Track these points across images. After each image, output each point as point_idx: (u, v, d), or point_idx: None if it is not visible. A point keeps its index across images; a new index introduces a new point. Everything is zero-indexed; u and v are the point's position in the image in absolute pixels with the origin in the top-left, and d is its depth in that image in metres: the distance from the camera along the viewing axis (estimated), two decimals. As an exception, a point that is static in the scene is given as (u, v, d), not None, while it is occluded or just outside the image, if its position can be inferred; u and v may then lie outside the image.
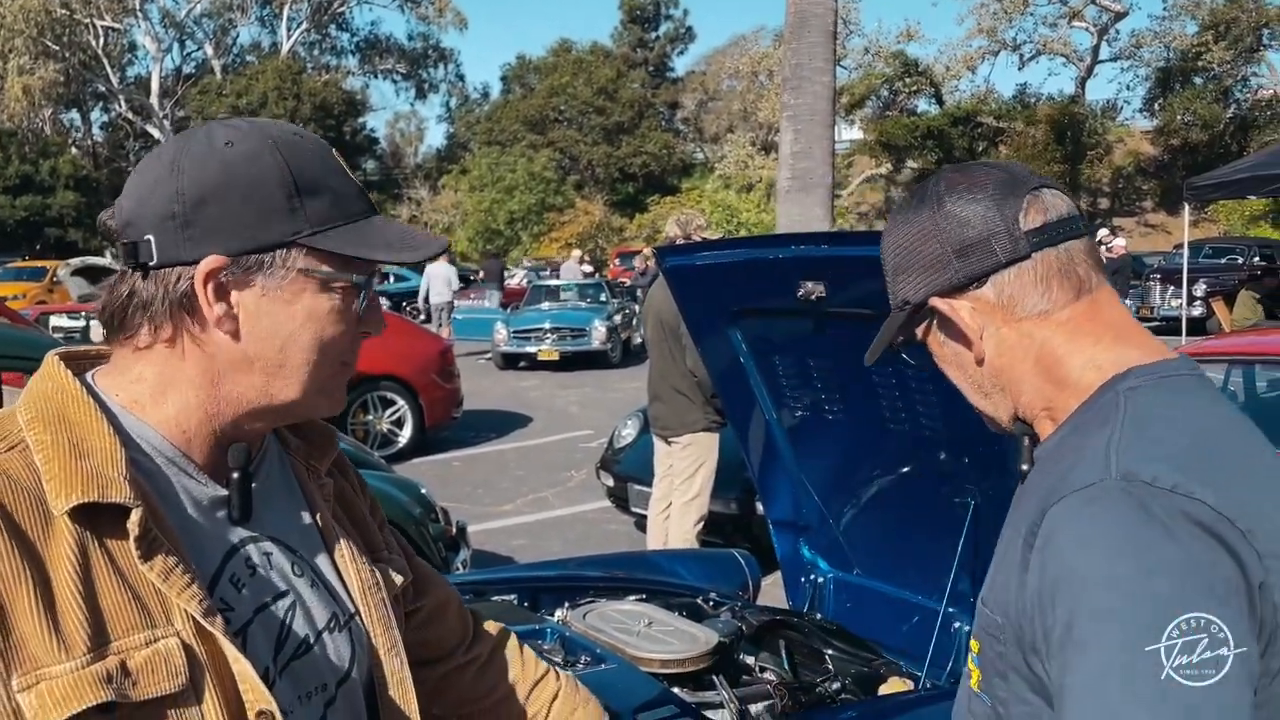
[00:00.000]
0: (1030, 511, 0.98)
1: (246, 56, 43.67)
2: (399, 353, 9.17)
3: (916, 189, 1.15)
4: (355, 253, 0.96)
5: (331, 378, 1.01)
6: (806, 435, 3.00)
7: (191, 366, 0.96)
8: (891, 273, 1.14)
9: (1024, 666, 0.96)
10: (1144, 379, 1.01)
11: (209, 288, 0.92)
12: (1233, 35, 33.63)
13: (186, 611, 0.88)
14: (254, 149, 0.94)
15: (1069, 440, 1.03)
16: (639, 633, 2.44)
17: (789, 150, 9.62)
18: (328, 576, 1.07)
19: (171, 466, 0.96)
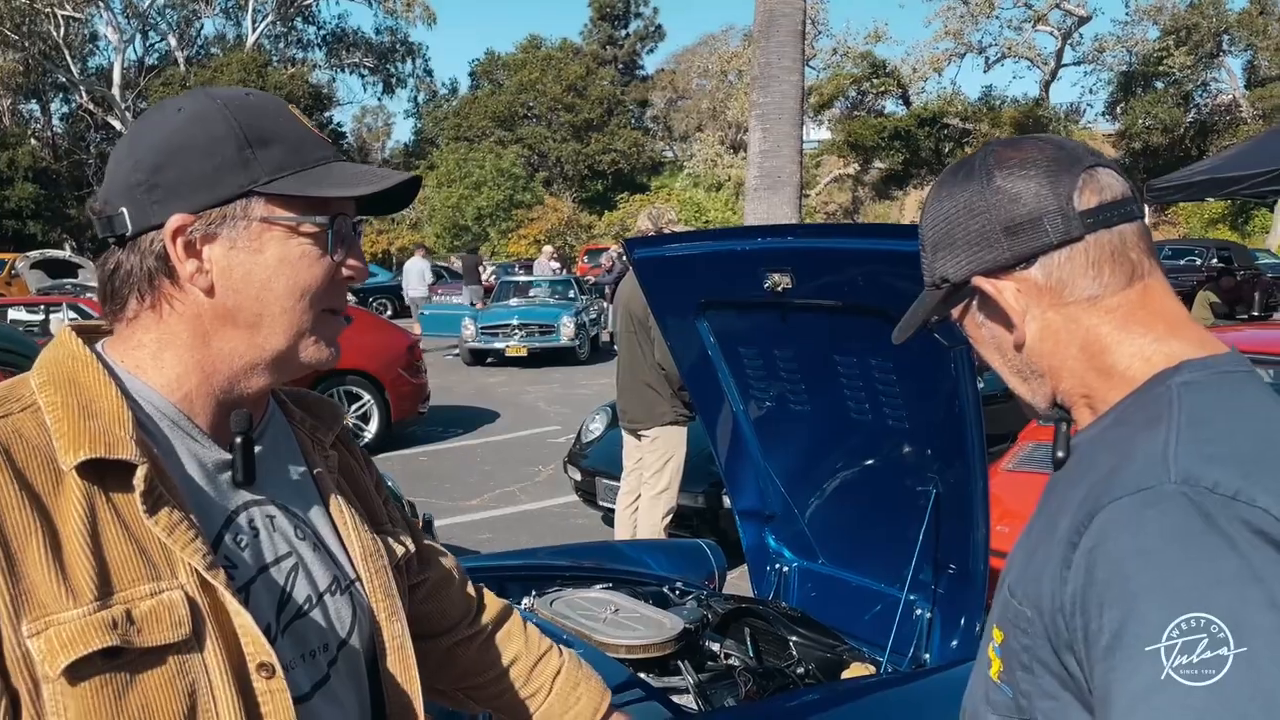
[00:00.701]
0: (1072, 507, 0.94)
1: (211, 49, 43.11)
2: (365, 347, 9.13)
3: (962, 162, 1.09)
4: (310, 193, 0.98)
5: (318, 323, 1.02)
6: (772, 427, 3.04)
7: (181, 328, 0.99)
8: (930, 248, 1.08)
9: (1054, 662, 0.93)
10: (1198, 374, 0.97)
11: (178, 245, 0.96)
12: (1193, 41, 34.19)
13: (190, 565, 0.91)
14: (202, 109, 0.98)
15: (1113, 433, 0.99)
16: (605, 619, 2.47)
17: (757, 149, 9.67)
18: (329, 543, 1.10)
19: (175, 429, 0.99)
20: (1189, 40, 34.18)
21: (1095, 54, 37.16)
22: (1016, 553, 1.06)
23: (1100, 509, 0.89)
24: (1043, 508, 1.05)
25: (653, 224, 5.22)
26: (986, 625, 1.10)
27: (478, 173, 35.80)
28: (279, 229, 0.98)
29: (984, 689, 1.06)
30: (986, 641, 1.07)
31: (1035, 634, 0.95)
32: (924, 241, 1.09)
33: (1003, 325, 1.05)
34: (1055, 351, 1.03)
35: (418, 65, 48.48)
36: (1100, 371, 1.02)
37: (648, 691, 2.10)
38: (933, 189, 1.10)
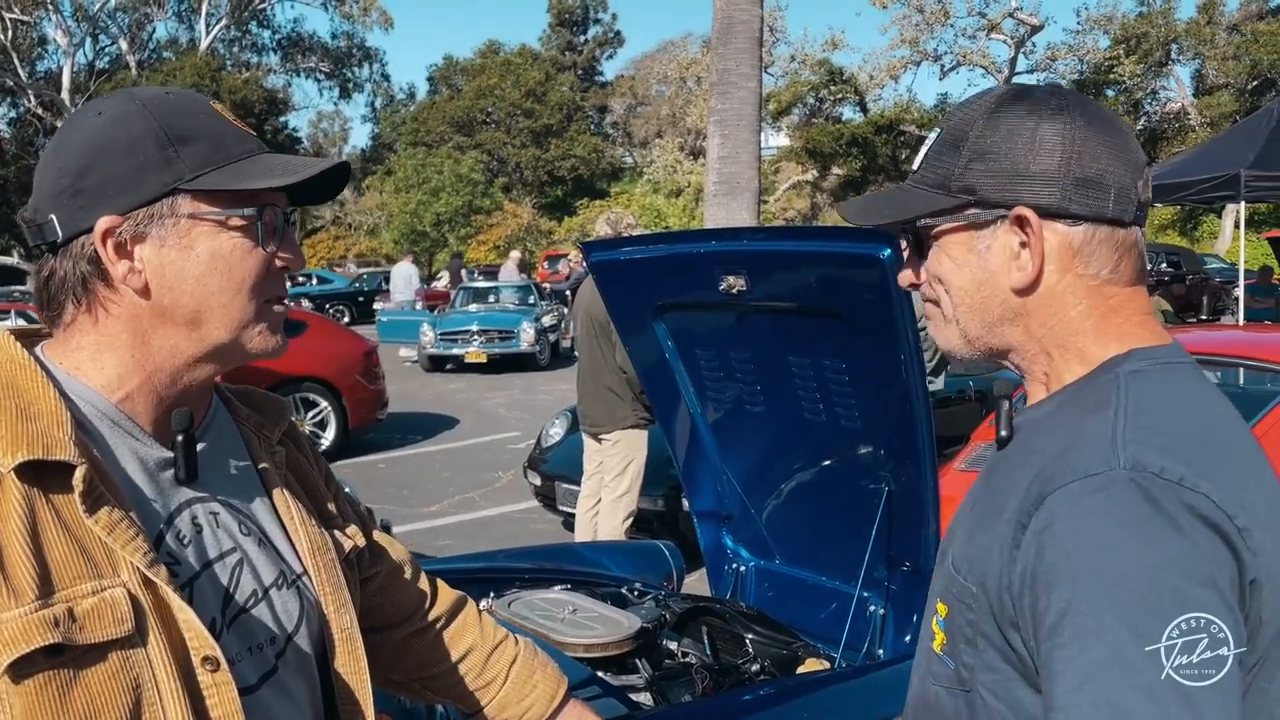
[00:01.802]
0: (1021, 488, 0.95)
1: (163, 53, 42.54)
2: (322, 353, 9.06)
3: (1043, 90, 1.03)
4: (232, 186, 0.99)
5: (258, 314, 1.03)
6: (729, 428, 3.07)
7: (119, 329, 1.00)
8: (966, 153, 1.01)
9: (998, 636, 0.95)
10: (1144, 363, 0.99)
11: (109, 247, 0.97)
12: (1143, 49, 34.90)
13: (132, 563, 0.92)
14: (122, 111, 0.99)
15: (1060, 415, 1.00)
16: (563, 619, 2.48)
17: (716, 155, 9.73)
18: (274, 538, 1.11)
19: (116, 429, 1.00)
20: (1139, 49, 34.89)
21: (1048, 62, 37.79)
22: (956, 528, 1.07)
23: (1050, 492, 0.90)
24: (986, 485, 1.06)
25: (611, 228, 5.24)
26: (929, 598, 1.11)
27: (436, 178, 35.62)
28: (207, 224, 0.99)
29: (926, 662, 1.08)
30: (930, 615, 1.08)
31: (980, 609, 0.96)
32: (956, 142, 1.03)
33: (1004, 264, 1.02)
34: (1048, 313, 1.02)
35: (375, 70, 48.14)
36: (1074, 351, 1.02)
37: (605, 689, 2.12)
38: (992, 100, 1.03)
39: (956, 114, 1.05)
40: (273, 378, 8.71)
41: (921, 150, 1.09)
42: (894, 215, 1.07)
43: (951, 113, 1.07)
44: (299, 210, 1.11)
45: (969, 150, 1.02)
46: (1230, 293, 16.81)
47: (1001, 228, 1.01)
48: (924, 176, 1.06)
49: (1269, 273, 15.47)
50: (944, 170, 1.04)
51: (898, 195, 1.08)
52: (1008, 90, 1.04)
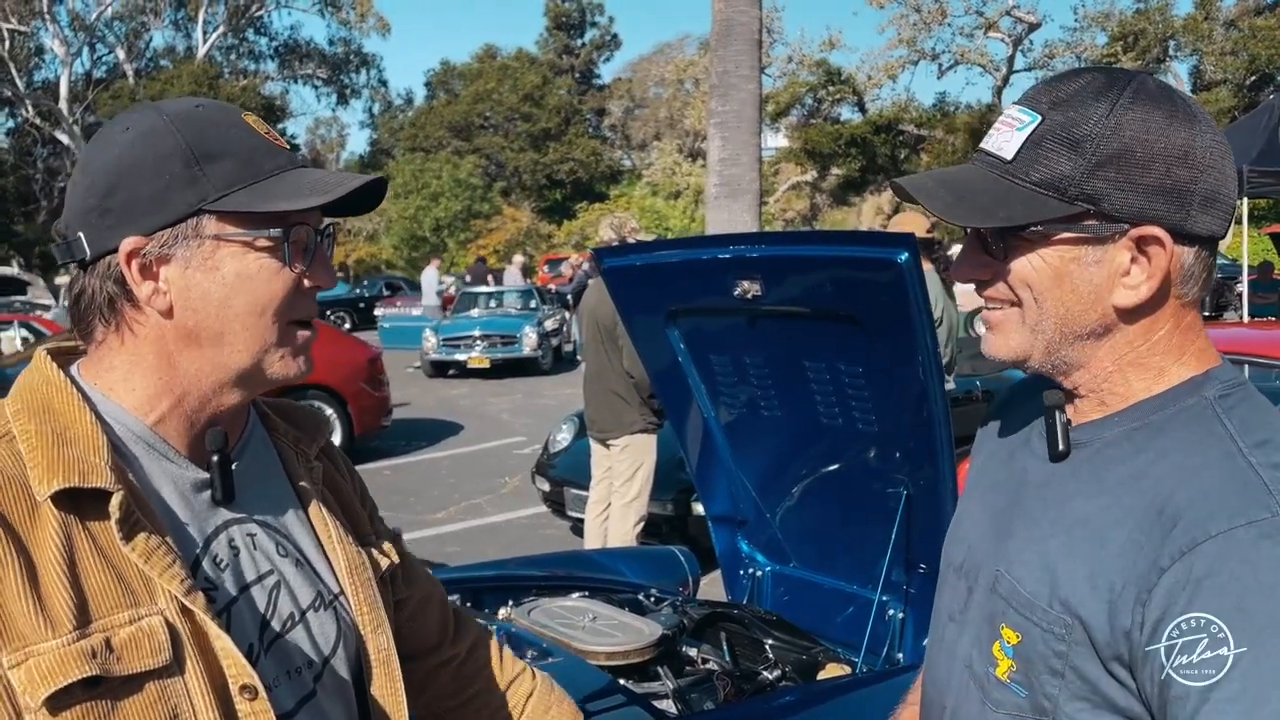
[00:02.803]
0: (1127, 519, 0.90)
1: (161, 61, 42.50)
2: (326, 361, 9.04)
3: (1162, 91, 0.93)
4: (259, 208, 0.96)
5: (283, 337, 1.01)
6: (743, 432, 3.06)
7: (146, 350, 0.98)
8: (1101, 157, 0.91)
9: (1097, 672, 0.91)
10: (1224, 387, 0.95)
11: (133, 268, 0.95)
12: (1140, 46, 34.91)
13: (169, 590, 0.91)
14: (149, 128, 0.97)
15: (1141, 439, 0.95)
16: (584, 627, 2.47)
17: (717, 157, 9.72)
18: (312, 557, 1.10)
19: (151, 452, 0.99)
20: (1136, 46, 34.91)
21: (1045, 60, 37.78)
22: (1020, 549, 1.00)
23: (1207, 538, 0.85)
24: (1043, 500, 1.00)
25: (615, 233, 5.24)
26: (968, 620, 1.06)
27: (435, 183, 35.67)
28: (233, 245, 0.97)
29: (979, 687, 1.02)
30: (978, 639, 1.03)
31: (1076, 641, 0.92)
32: (1075, 139, 0.92)
33: (1109, 281, 0.94)
34: (1139, 334, 0.95)
35: (372, 76, 48.09)
36: (1150, 370, 0.96)
37: (629, 697, 2.11)
38: (1120, 96, 0.92)
39: (1062, 100, 0.94)
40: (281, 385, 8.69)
41: (1011, 134, 0.96)
42: (998, 219, 0.94)
43: (1049, 95, 0.95)
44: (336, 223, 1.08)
45: (1094, 152, 0.91)
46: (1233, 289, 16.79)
47: (1120, 242, 0.93)
48: (1028, 172, 0.94)
49: (1269, 268, 15.46)
50: (1058, 170, 0.92)
51: (995, 188, 0.95)
52: (1131, 83, 0.93)
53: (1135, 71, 0.97)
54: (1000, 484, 1.09)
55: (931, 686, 1.14)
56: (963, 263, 1.02)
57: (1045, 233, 0.94)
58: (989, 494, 1.11)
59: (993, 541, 1.05)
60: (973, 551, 1.09)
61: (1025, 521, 1.02)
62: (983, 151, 0.99)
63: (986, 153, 0.98)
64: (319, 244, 1.02)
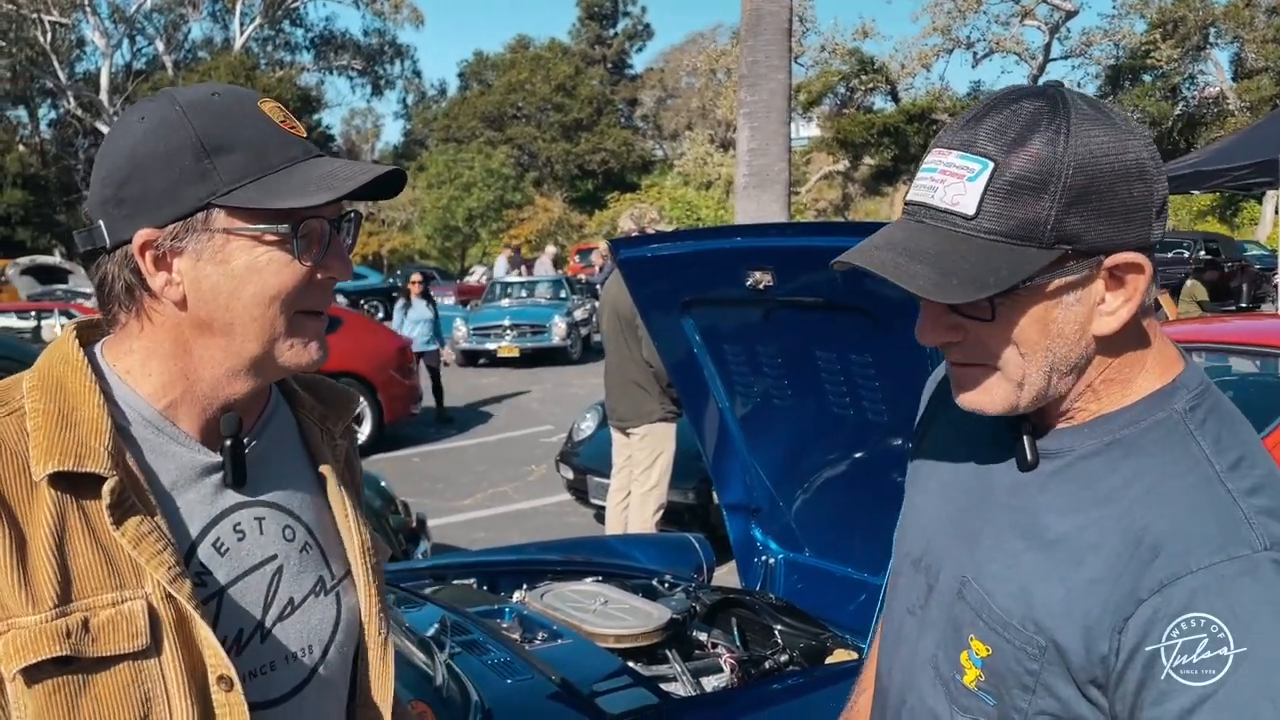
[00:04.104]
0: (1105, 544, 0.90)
1: (199, 52, 43.03)
2: (357, 349, 9.18)
3: (1097, 104, 0.89)
4: (266, 204, 0.96)
5: (289, 327, 1.01)
6: (757, 422, 3.10)
7: (163, 337, 1.00)
8: (1071, 195, 0.86)
9: (1069, 691, 0.91)
10: (1191, 397, 0.94)
11: (147, 259, 0.96)
12: (1180, 34, 34.31)
13: (155, 577, 0.92)
14: (163, 119, 0.97)
15: (1114, 456, 0.93)
16: (595, 610, 2.52)
17: (746, 147, 9.71)
18: (323, 540, 1.10)
19: (160, 435, 1.00)
20: (1176, 33, 34.30)
21: (1083, 48, 37.27)
22: (988, 559, 0.99)
23: (1188, 572, 0.85)
24: (1023, 515, 0.98)
25: (635, 224, 5.28)
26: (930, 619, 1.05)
27: (467, 174, 35.78)
28: (243, 239, 0.97)
29: (945, 690, 1.02)
30: (944, 642, 1.03)
31: (1048, 662, 0.92)
32: (1039, 181, 0.86)
33: (1089, 313, 0.90)
34: (1113, 354, 0.93)
35: (406, 67, 48.38)
36: (1119, 384, 0.94)
37: (636, 679, 2.16)
38: (1064, 125, 0.87)
39: (1011, 139, 0.88)
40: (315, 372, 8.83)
41: (963, 185, 0.89)
42: (989, 287, 0.86)
43: (991, 135, 0.88)
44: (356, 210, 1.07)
45: (1062, 190, 0.85)
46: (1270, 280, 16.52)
47: (1098, 275, 0.89)
48: (998, 225, 0.87)
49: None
50: (1027, 216, 0.87)
51: (967, 252, 0.88)
52: (1066, 106, 0.88)
53: (1055, 88, 0.92)
54: (961, 481, 1.07)
55: (888, 678, 1.13)
56: (927, 327, 0.95)
57: (1033, 285, 0.88)
58: (949, 489, 1.09)
59: (956, 543, 1.04)
60: (931, 548, 1.08)
61: (993, 530, 1.00)
62: (927, 207, 0.91)
63: (936, 209, 0.90)
64: (333, 235, 1.01)
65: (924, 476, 1.16)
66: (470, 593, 2.85)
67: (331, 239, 1.01)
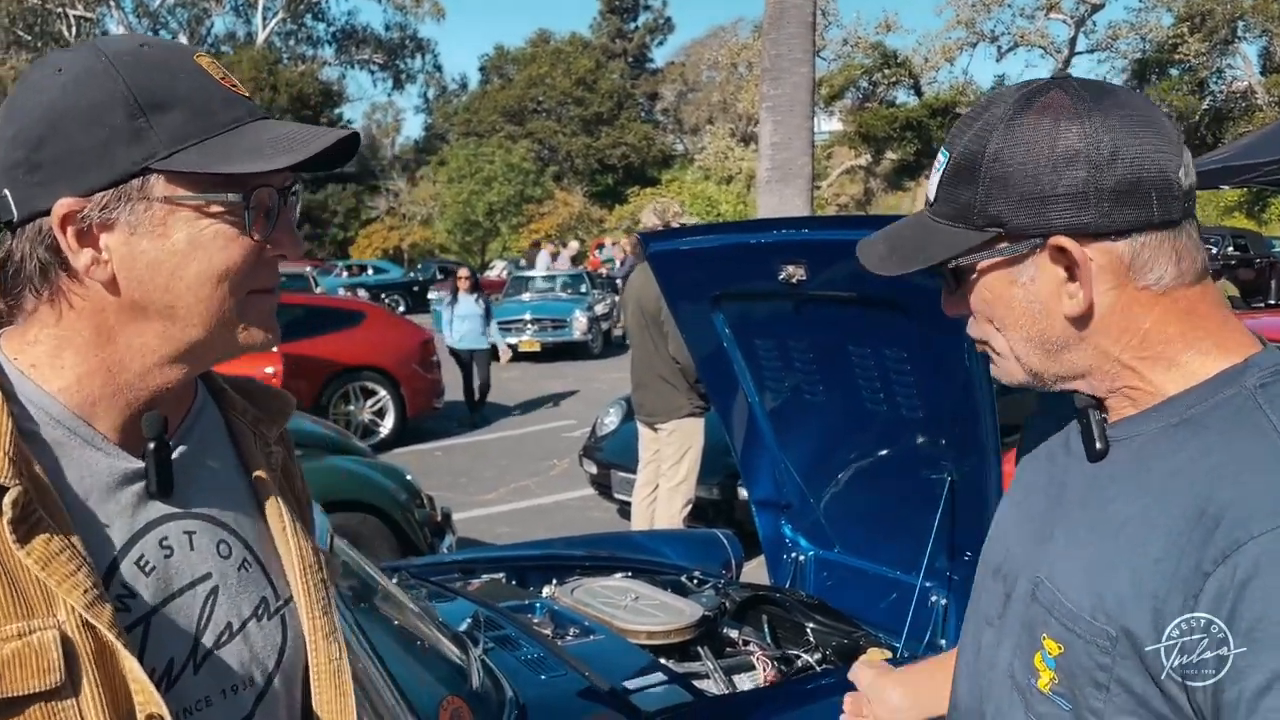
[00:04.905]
0: (1169, 522, 0.88)
1: (221, 46, 43.29)
2: (380, 343, 9.21)
3: (1047, 89, 0.93)
4: (216, 169, 0.83)
5: (241, 308, 0.89)
6: (788, 417, 3.07)
7: (82, 325, 0.86)
8: (985, 181, 0.92)
9: (1144, 684, 0.88)
10: (1266, 374, 0.92)
11: (69, 234, 0.82)
12: (1208, 27, 33.95)
13: (69, 602, 0.79)
14: (86, 69, 0.83)
15: (1182, 436, 0.92)
16: (626, 606, 2.51)
17: (768, 141, 9.66)
18: (262, 556, 0.98)
19: (74, 438, 0.86)
20: (1203, 27, 33.94)
21: (1109, 41, 36.97)
22: (1061, 555, 0.98)
23: (1249, 539, 0.82)
24: (1085, 506, 0.97)
25: (660, 219, 5.26)
26: (1006, 627, 1.03)
27: (488, 168, 35.88)
28: (186, 209, 0.84)
29: (1022, 698, 1.00)
30: (1019, 647, 1.01)
31: (1121, 654, 0.89)
32: (971, 167, 0.93)
33: (1054, 292, 0.93)
34: (1119, 331, 0.93)
35: (427, 61, 48.59)
36: (1165, 361, 0.94)
37: (670, 676, 2.14)
38: (1001, 113, 0.93)
39: (965, 132, 0.95)
40: (332, 367, 8.88)
41: (934, 177, 0.98)
42: (918, 261, 0.96)
43: (958, 130, 0.96)
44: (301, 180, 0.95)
45: (986, 176, 0.92)
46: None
47: (1041, 256, 0.93)
48: (941, 209, 0.96)
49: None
50: (963, 201, 0.94)
51: (919, 233, 0.98)
52: (1016, 97, 0.94)
53: (1050, 80, 0.95)
54: (1040, 487, 1.07)
55: (968, 692, 1.11)
56: (944, 303, 1.04)
57: (970, 263, 0.95)
58: (1029, 497, 1.08)
59: (1031, 546, 1.03)
60: (1010, 556, 1.06)
61: (1065, 526, 0.99)
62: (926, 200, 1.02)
63: (926, 200, 1.01)
64: (283, 208, 0.89)
65: (1011, 488, 1.16)
66: (500, 587, 2.85)
67: (281, 212, 0.89)
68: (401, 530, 4.67)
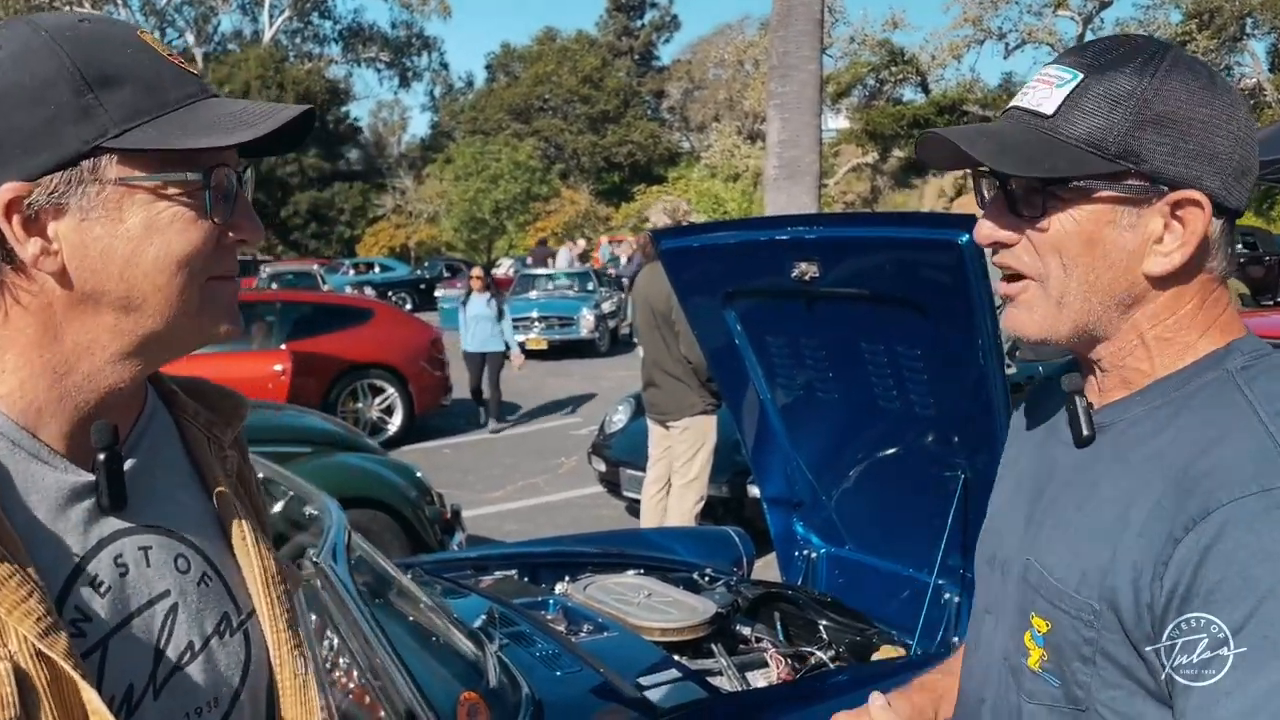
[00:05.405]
0: (1145, 496, 0.89)
1: (228, 45, 43.40)
2: (388, 341, 9.24)
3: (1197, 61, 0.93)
4: (176, 144, 0.78)
5: (200, 296, 0.83)
6: (800, 414, 3.07)
7: (28, 324, 0.80)
8: (1144, 116, 0.89)
9: (1126, 654, 0.90)
10: (1248, 358, 0.94)
11: (14, 223, 0.77)
12: (1216, 24, 33.81)
13: (20, 632, 0.73)
14: (24, 46, 0.78)
15: (1163, 415, 0.94)
16: (639, 603, 2.51)
17: (776, 139, 9.65)
18: (222, 569, 0.93)
19: (17, 451, 0.80)
20: (1212, 24, 33.80)
21: (1116, 39, 36.79)
22: (1049, 537, 0.99)
23: (1217, 507, 0.84)
24: (1070, 486, 0.98)
25: (671, 217, 5.27)
26: (1002, 612, 1.04)
27: (494, 166, 35.88)
28: (140, 191, 0.79)
29: (1014, 679, 1.01)
30: (1012, 629, 1.02)
31: (1105, 627, 0.90)
32: (1117, 97, 0.90)
33: (1140, 244, 0.91)
34: (1165, 306, 0.93)
35: (433, 59, 48.72)
36: (1176, 345, 0.94)
37: (684, 673, 2.14)
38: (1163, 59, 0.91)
39: (1106, 62, 0.92)
40: (340, 365, 8.91)
41: (1050, 91, 0.93)
42: (1042, 169, 0.90)
43: (1091, 56, 0.93)
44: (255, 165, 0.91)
45: (1137, 111, 0.89)
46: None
47: (1159, 205, 0.90)
48: (1069, 128, 0.91)
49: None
50: (1100, 126, 0.90)
51: (1037, 141, 0.92)
52: (1170, 51, 0.92)
53: (1171, 43, 0.96)
54: (1029, 474, 1.07)
55: (969, 681, 1.12)
56: (987, 223, 0.97)
57: (1086, 190, 0.91)
58: (1020, 485, 1.08)
59: (1022, 532, 1.04)
60: (1004, 544, 1.07)
61: (1054, 511, 1.00)
62: (1018, 108, 0.96)
63: (1023, 109, 0.95)
64: (239, 190, 0.85)
65: (1000, 479, 1.17)
66: (513, 584, 2.85)
67: (238, 194, 0.85)
68: (412, 527, 4.68)
